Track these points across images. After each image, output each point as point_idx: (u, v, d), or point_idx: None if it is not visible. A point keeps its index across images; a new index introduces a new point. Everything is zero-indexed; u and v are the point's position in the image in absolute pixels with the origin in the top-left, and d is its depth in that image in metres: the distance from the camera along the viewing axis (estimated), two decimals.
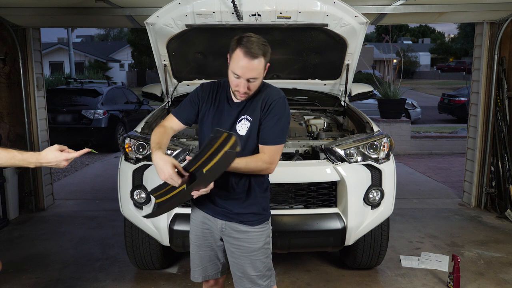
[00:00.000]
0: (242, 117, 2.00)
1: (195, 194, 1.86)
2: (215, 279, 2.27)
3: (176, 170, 1.81)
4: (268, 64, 1.96)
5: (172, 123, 2.13)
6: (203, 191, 1.86)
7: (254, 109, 1.99)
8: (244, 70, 1.87)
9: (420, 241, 4.25)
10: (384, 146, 3.08)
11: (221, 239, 2.15)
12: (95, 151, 2.01)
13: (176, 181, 1.81)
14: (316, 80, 4.08)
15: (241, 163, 1.91)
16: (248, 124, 1.99)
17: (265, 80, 2.06)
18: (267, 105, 1.97)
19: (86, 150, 1.90)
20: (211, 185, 1.87)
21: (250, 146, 2.00)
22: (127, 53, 36.24)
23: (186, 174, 1.83)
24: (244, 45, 1.85)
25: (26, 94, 5.04)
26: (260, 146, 1.99)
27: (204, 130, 2.09)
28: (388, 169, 3.09)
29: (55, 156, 1.83)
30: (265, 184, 2.11)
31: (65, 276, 3.54)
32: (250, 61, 1.85)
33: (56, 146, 1.85)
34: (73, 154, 1.86)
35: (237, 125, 2.00)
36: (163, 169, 1.81)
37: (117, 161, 3.40)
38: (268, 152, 1.97)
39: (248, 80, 1.89)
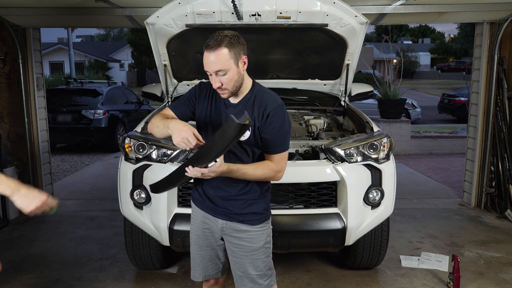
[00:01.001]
0: None
1: (191, 172, 1.79)
2: (215, 279, 2.27)
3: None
4: (245, 57, 1.93)
5: (170, 114, 2.13)
6: (197, 170, 1.78)
7: (250, 114, 1.96)
8: (207, 64, 1.89)
9: (420, 241, 4.25)
10: (384, 146, 3.08)
11: (222, 239, 2.15)
12: (53, 209, 1.77)
13: (191, 142, 1.79)
14: (316, 80, 4.08)
15: (249, 169, 1.93)
16: (247, 130, 1.96)
17: (265, 81, 2.05)
18: (265, 115, 1.95)
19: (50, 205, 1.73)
20: (209, 171, 1.79)
21: (249, 151, 2.00)
22: (127, 53, 36.25)
23: (203, 142, 1.81)
24: (205, 43, 1.89)
25: (26, 94, 5.04)
26: (266, 155, 2.01)
27: (201, 129, 2.09)
28: (388, 169, 3.09)
29: (27, 201, 1.67)
30: (266, 185, 2.12)
31: (65, 276, 3.54)
32: (210, 53, 1.87)
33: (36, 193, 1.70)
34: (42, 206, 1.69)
35: None
36: (182, 129, 1.81)
37: (117, 161, 3.40)
38: (274, 160, 1.99)
39: (217, 74, 1.89)
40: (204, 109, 2.07)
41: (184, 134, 1.80)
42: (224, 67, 1.87)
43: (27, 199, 1.67)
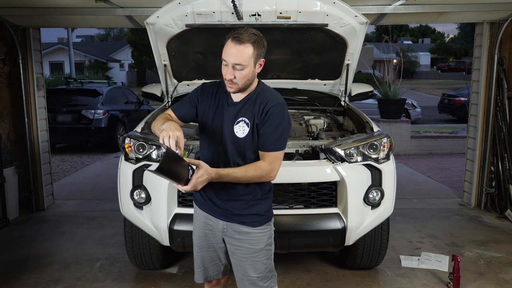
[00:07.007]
0: (240, 119, 1.99)
1: (180, 188, 1.82)
2: (217, 279, 2.27)
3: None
4: (263, 60, 1.96)
5: (171, 115, 2.15)
6: (182, 188, 1.82)
7: (250, 111, 1.98)
8: (229, 55, 1.89)
9: (420, 241, 4.25)
10: (384, 146, 3.08)
11: (223, 240, 2.14)
12: None
13: (171, 143, 1.81)
14: (316, 80, 4.09)
15: (240, 172, 1.91)
16: (246, 127, 1.98)
17: (264, 81, 2.06)
18: (264, 111, 1.96)
19: None
20: (195, 183, 1.80)
21: (250, 149, 1.99)
22: (127, 53, 36.22)
23: (180, 145, 1.85)
24: (232, 34, 1.90)
25: (26, 94, 5.04)
26: (260, 153, 1.99)
27: (204, 129, 2.09)
28: (388, 169, 3.09)
29: None
30: (268, 186, 2.09)
31: (65, 276, 3.54)
32: (236, 45, 1.88)
33: None
34: None
35: (235, 126, 2.00)
36: (169, 128, 1.85)
37: (117, 161, 3.40)
38: (267, 159, 1.96)
39: (234, 67, 1.90)
40: (207, 109, 2.07)
41: (166, 133, 1.84)
42: (244, 63, 1.89)
43: None
